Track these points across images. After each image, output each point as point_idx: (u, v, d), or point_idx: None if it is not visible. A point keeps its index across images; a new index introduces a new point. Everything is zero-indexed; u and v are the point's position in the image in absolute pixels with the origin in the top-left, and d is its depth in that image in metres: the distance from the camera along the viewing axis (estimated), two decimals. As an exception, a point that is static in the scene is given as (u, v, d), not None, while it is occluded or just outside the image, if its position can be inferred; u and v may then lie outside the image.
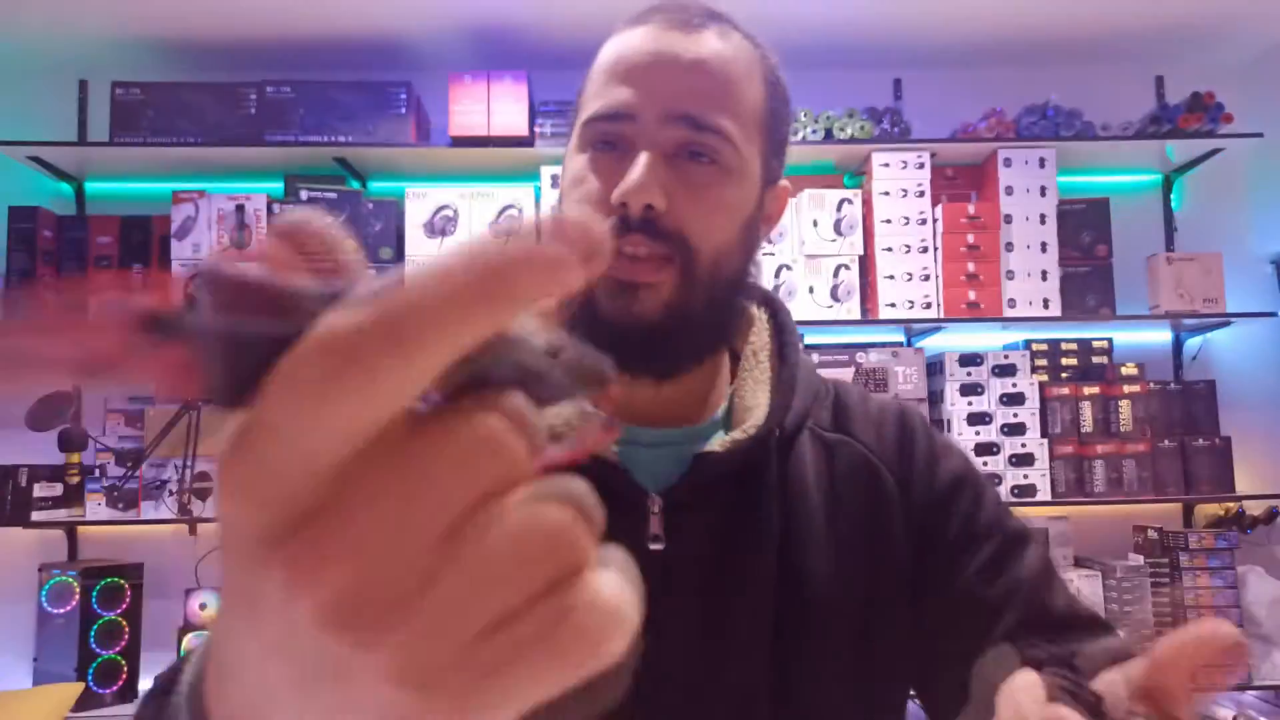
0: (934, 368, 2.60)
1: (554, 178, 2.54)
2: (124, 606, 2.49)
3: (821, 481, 0.73)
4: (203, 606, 2.47)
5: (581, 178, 0.68)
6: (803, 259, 2.56)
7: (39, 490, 2.48)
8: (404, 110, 2.57)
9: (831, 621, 0.69)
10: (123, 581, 2.50)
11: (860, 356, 2.54)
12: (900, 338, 2.72)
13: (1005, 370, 2.55)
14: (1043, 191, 2.60)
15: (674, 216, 0.66)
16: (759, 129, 0.71)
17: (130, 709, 2.41)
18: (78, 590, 2.42)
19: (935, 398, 2.58)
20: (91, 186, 2.79)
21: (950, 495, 0.74)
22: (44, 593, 2.42)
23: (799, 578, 0.69)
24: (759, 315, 0.79)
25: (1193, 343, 2.82)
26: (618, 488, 0.67)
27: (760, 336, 0.77)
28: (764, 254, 2.58)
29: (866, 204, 2.60)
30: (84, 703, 2.34)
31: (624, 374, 0.65)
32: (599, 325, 0.66)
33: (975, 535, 0.72)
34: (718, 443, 0.70)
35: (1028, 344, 2.66)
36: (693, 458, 0.69)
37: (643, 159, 0.65)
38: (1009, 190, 2.60)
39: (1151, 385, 2.59)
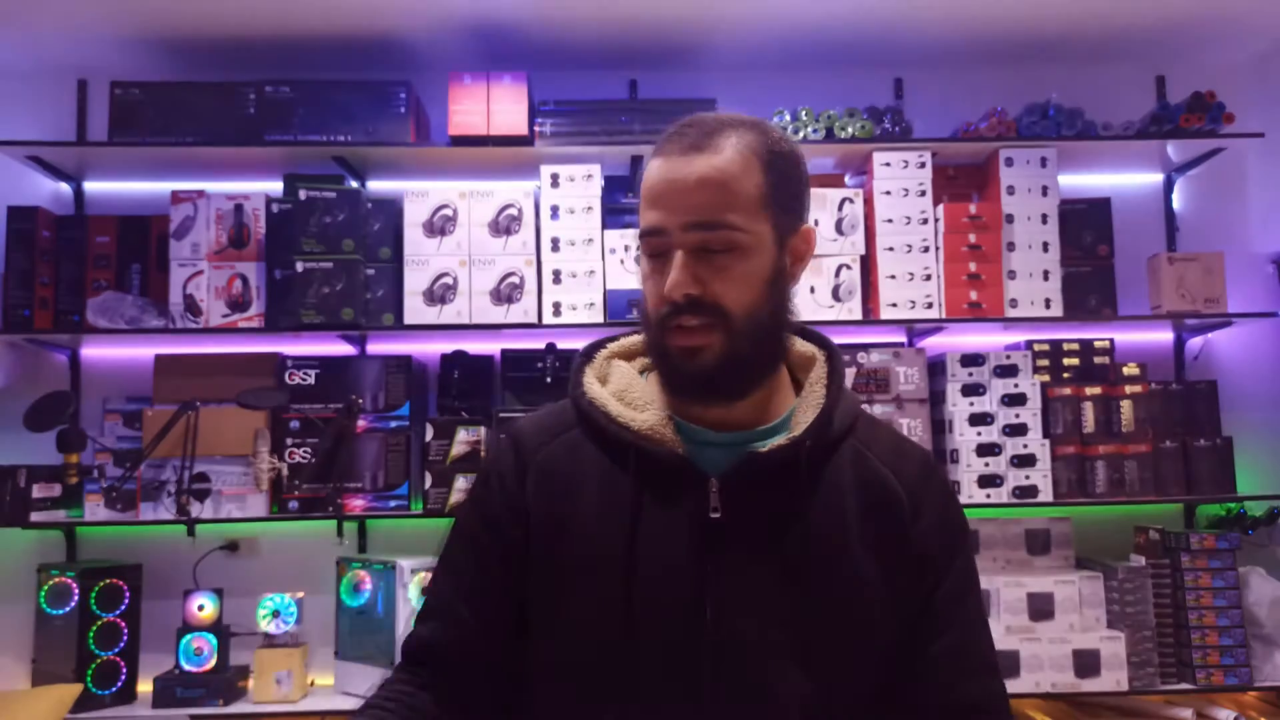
0: (935, 368, 2.59)
1: (554, 176, 2.54)
2: (123, 607, 2.48)
3: (857, 484, 0.97)
4: (201, 608, 2.46)
5: (647, 277, 0.96)
6: (803, 259, 2.55)
7: (38, 491, 2.47)
8: (403, 110, 2.57)
9: (850, 586, 0.93)
10: (121, 582, 2.49)
11: (862, 357, 2.53)
12: (902, 338, 2.72)
13: (1007, 371, 2.54)
14: (1044, 191, 2.60)
15: (710, 295, 0.91)
16: (763, 205, 0.93)
17: (129, 710, 2.41)
18: (76, 591, 2.41)
19: (937, 398, 2.57)
20: (90, 186, 2.79)
21: (949, 542, 0.99)
22: (43, 593, 2.42)
23: (827, 547, 0.93)
24: (819, 356, 1.04)
25: (1194, 343, 2.81)
26: (687, 473, 0.94)
27: (818, 372, 1.02)
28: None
29: (868, 203, 2.60)
30: (83, 704, 2.34)
31: (703, 402, 0.96)
32: (678, 377, 0.94)
33: (956, 597, 0.98)
34: (768, 445, 0.95)
35: (1029, 344, 2.66)
36: (746, 454, 0.94)
37: (678, 261, 0.90)
38: (1010, 190, 2.60)
39: (1153, 385, 2.59)
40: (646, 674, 0.90)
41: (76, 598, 2.41)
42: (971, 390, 2.53)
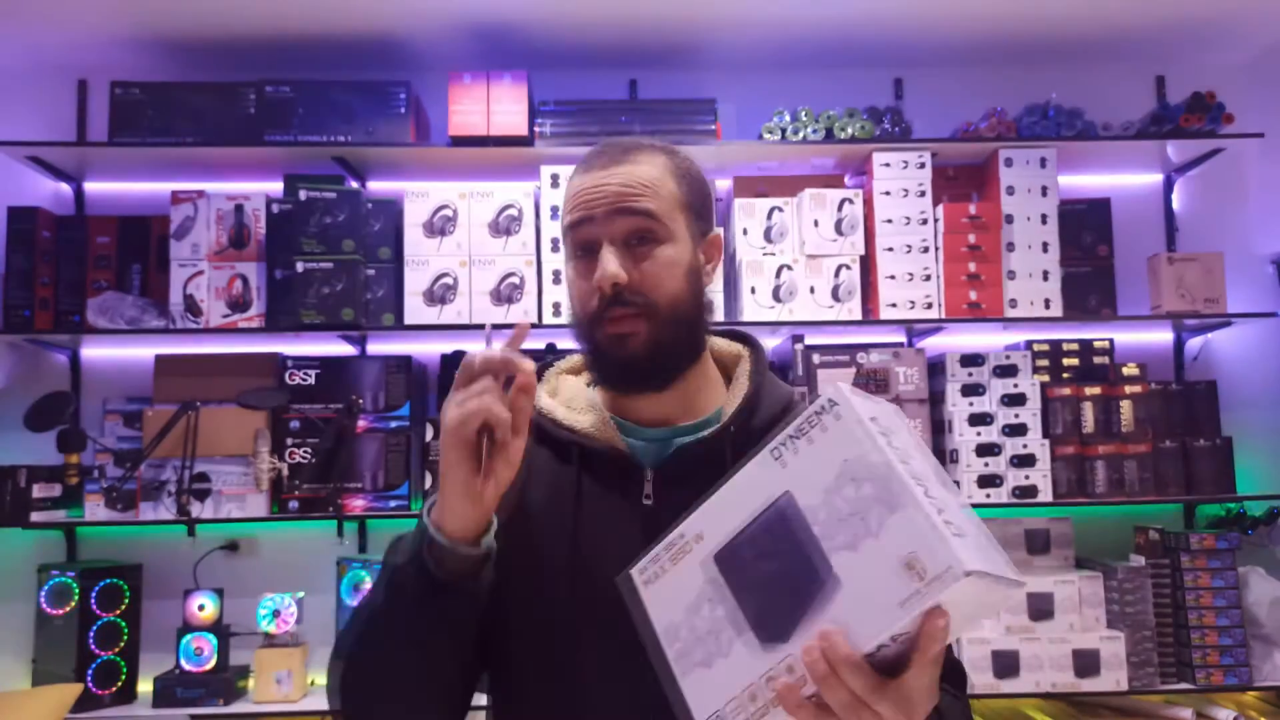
0: (935, 368, 2.59)
1: (554, 176, 2.54)
2: (123, 607, 2.48)
3: None
4: (201, 608, 2.47)
5: (573, 280, 1.04)
6: (804, 259, 2.55)
7: (38, 491, 2.47)
8: (403, 110, 2.57)
9: None
10: (121, 582, 2.49)
11: (861, 357, 2.53)
12: (901, 338, 2.72)
13: (1007, 371, 2.54)
14: (1044, 191, 2.60)
15: (636, 285, 0.99)
16: (679, 207, 1.03)
17: (129, 710, 2.42)
18: (77, 591, 2.41)
19: (936, 398, 2.57)
20: (90, 186, 2.79)
21: None
22: (43, 593, 2.42)
23: None
24: (744, 352, 1.12)
25: (1194, 343, 2.81)
26: (625, 465, 1.02)
27: (743, 367, 1.10)
28: (767, 253, 2.57)
29: (868, 204, 2.60)
30: (83, 704, 2.34)
31: (631, 392, 1.04)
32: (608, 364, 1.03)
33: None
34: (695, 436, 1.04)
35: (1029, 344, 2.66)
36: (678, 445, 1.03)
37: (607, 252, 0.98)
38: (1010, 190, 2.60)
39: (1153, 385, 2.59)
40: (591, 648, 0.97)
41: (76, 598, 2.41)
42: (971, 390, 2.53)
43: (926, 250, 2.55)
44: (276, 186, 2.69)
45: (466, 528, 0.89)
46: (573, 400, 1.09)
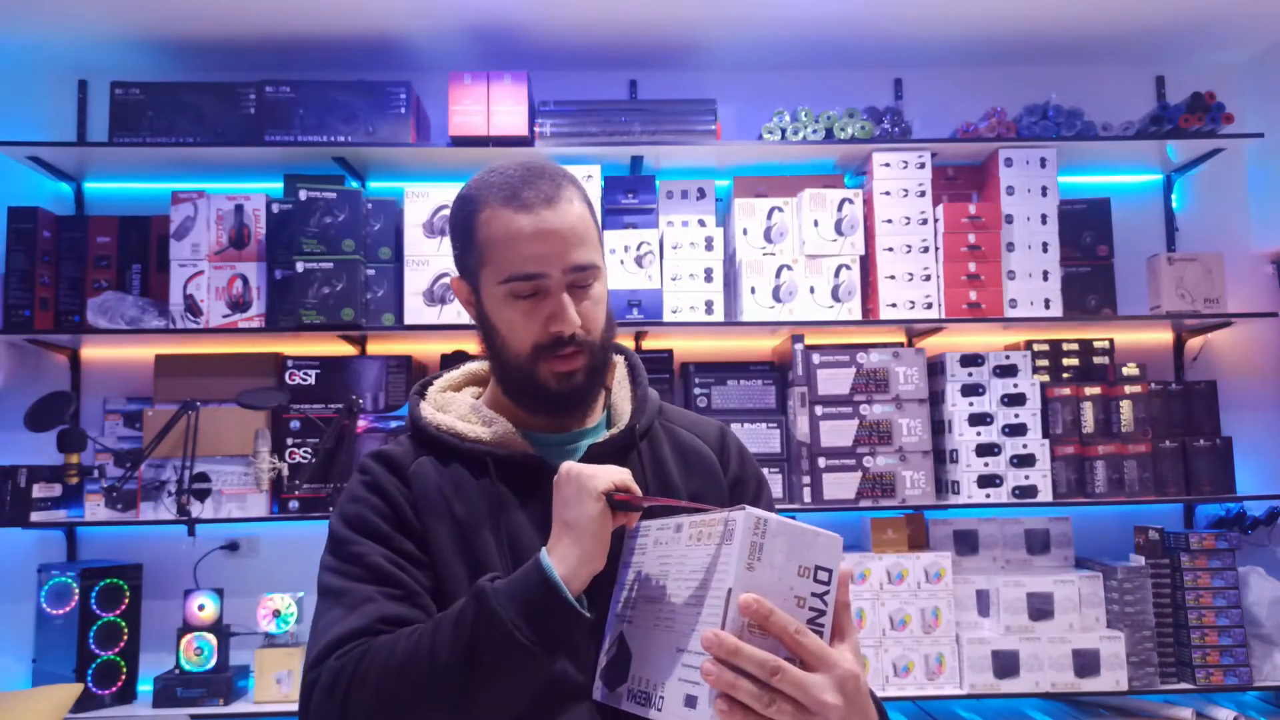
0: (935, 368, 2.59)
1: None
2: (123, 607, 2.48)
3: (674, 454, 1.16)
4: (201, 608, 2.47)
5: (516, 322, 1.07)
6: (804, 259, 2.55)
7: (38, 491, 2.47)
8: (404, 110, 2.57)
9: None
10: (122, 582, 2.49)
11: (861, 357, 2.53)
12: (901, 338, 2.72)
13: (1006, 371, 2.54)
14: (1044, 191, 2.60)
15: (583, 328, 1.07)
16: (599, 242, 1.11)
17: (129, 710, 2.42)
18: (77, 591, 2.41)
19: (936, 398, 2.57)
20: (90, 187, 2.79)
21: (747, 472, 1.21)
22: (43, 593, 2.42)
23: (666, 509, 1.05)
24: (618, 359, 1.22)
25: (1194, 343, 2.81)
26: (543, 470, 1.07)
27: (620, 373, 1.21)
28: (767, 254, 2.58)
29: (868, 204, 2.60)
30: (83, 704, 2.35)
31: (570, 414, 1.12)
32: (547, 395, 1.08)
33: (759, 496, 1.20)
34: (602, 436, 1.13)
35: (1029, 344, 2.66)
36: (587, 447, 1.11)
37: (566, 300, 1.05)
38: (1010, 190, 2.60)
39: (1152, 385, 2.59)
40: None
41: (76, 598, 2.41)
42: (971, 390, 2.53)
43: (926, 250, 2.55)
44: (276, 186, 2.69)
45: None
46: (466, 416, 1.13)
